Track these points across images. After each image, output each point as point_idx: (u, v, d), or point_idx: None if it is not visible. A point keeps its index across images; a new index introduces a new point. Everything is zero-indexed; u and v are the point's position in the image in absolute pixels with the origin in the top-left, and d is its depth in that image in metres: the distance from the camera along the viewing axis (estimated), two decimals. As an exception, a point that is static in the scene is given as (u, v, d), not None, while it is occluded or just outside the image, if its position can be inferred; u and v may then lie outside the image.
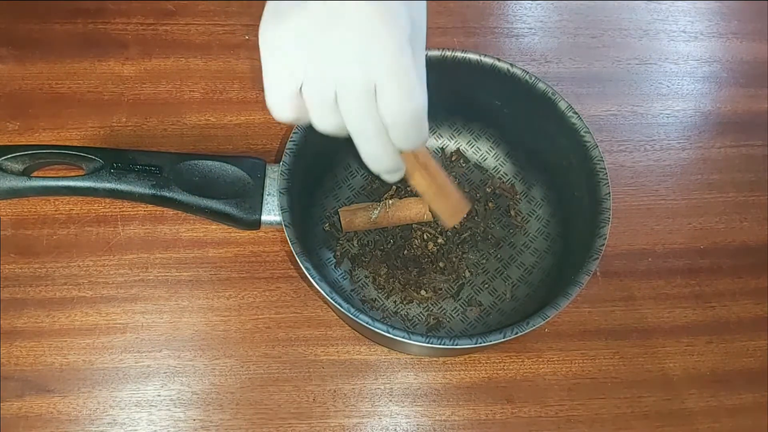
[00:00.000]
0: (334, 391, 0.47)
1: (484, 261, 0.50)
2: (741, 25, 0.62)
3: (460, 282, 0.50)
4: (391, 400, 0.47)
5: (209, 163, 0.47)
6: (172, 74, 0.57)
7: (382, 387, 0.48)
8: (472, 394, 0.48)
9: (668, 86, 0.59)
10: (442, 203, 0.42)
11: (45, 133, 0.54)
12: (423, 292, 0.49)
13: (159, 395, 0.47)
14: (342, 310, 0.40)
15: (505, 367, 0.48)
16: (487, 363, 0.48)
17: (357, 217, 0.49)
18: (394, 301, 0.49)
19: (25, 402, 0.46)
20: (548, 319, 0.40)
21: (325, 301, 0.47)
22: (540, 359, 0.49)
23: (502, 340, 0.40)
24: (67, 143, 0.53)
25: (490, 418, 0.47)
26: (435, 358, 0.49)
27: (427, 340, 0.40)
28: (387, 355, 0.48)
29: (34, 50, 0.57)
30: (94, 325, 0.48)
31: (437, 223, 0.51)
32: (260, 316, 0.49)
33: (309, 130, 0.45)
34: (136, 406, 0.47)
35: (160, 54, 0.58)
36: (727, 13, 0.62)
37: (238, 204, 0.46)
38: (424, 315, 0.49)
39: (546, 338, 0.49)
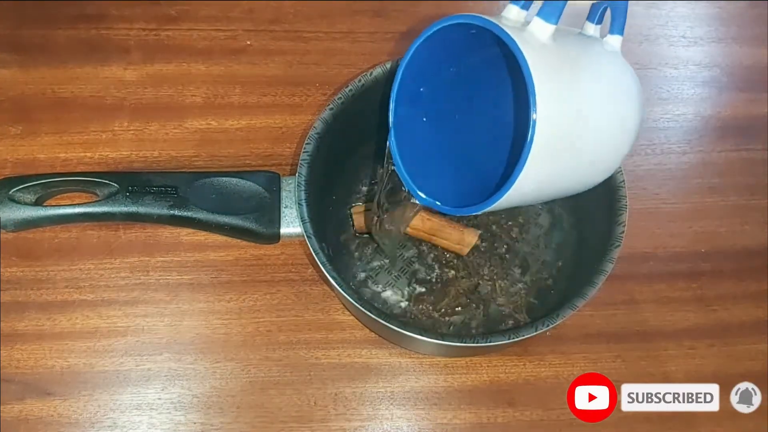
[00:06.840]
0: (335, 394, 0.47)
1: (501, 263, 0.51)
2: (740, 30, 0.62)
3: (479, 285, 0.50)
4: (392, 404, 0.47)
5: (223, 179, 0.46)
6: (174, 79, 0.57)
7: (383, 390, 0.48)
8: (473, 398, 0.48)
9: (668, 91, 0.59)
10: (440, 244, 0.50)
11: (47, 137, 0.54)
12: (450, 303, 0.50)
13: (159, 398, 0.47)
14: (381, 321, 0.41)
15: (507, 371, 0.48)
16: (488, 366, 0.48)
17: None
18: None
19: (25, 405, 0.46)
20: (576, 309, 0.41)
21: (353, 309, 0.47)
22: (541, 362, 0.49)
23: (534, 333, 0.41)
24: (69, 147, 0.54)
25: (491, 422, 0.47)
26: (437, 361, 0.48)
27: (474, 341, 0.41)
28: (388, 359, 0.48)
29: (37, 55, 0.57)
30: (95, 328, 0.48)
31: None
32: (261, 320, 0.49)
33: (321, 140, 0.46)
34: (136, 409, 0.46)
35: (162, 59, 0.58)
36: (727, 18, 0.63)
37: (257, 219, 0.45)
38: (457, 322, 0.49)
39: (547, 342, 0.49)
